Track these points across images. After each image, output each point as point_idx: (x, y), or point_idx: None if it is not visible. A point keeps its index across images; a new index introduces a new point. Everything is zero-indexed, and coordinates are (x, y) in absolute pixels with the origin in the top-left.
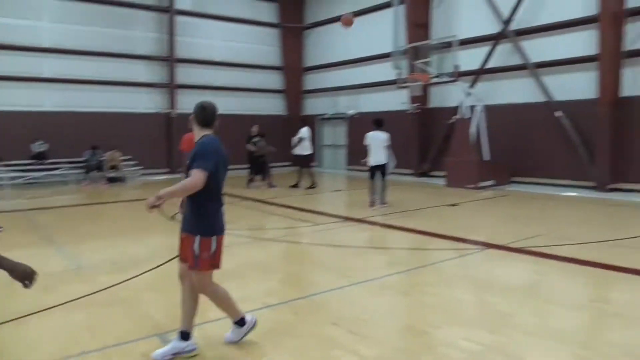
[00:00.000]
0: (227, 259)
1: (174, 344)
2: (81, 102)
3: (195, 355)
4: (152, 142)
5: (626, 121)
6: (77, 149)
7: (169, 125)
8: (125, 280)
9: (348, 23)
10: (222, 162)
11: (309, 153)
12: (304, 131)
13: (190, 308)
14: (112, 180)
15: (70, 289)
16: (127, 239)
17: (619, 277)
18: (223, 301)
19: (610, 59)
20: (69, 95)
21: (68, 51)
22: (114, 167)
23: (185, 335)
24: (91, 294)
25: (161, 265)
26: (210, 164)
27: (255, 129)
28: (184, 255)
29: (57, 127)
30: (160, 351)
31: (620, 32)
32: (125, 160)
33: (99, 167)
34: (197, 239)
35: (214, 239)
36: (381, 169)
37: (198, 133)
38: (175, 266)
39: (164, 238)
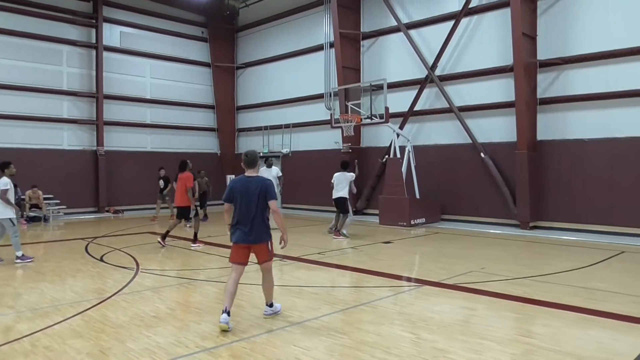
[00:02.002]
0: (160, 302)
1: (269, 311)
2: (1, 137)
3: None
4: (77, 180)
5: (543, 163)
6: None
7: (95, 163)
8: (48, 327)
9: None
10: (241, 192)
11: None
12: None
13: (271, 286)
14: (32, 219)
15: None
16: (49, 282)
17: (542, 311)
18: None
19: (525, 106)
20: None
21: None
22: (35, 206)
23: (271, 304)
24: (8, 342)
25: (88, 309)
26: (224, 196)
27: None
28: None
29: None
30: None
31: (533, 81)
32: (47, 198)
33: (18, 206)
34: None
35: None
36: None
37: (246, 172)
38: (103, 310)
39: (89, 281)
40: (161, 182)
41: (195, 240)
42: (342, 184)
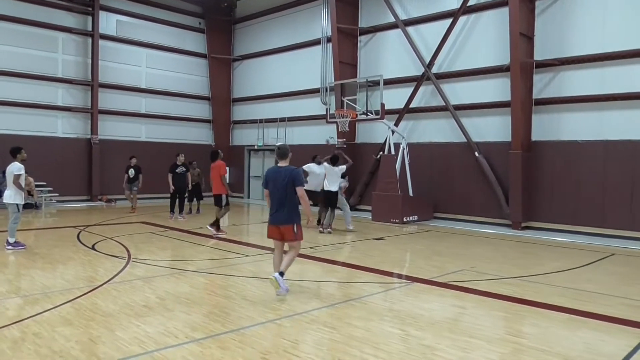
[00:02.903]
0: (150, 292)
1: (279, 277)
2: None
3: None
4: (71, 168)
5: (536, 164)
6: None
7: (90, 151)
8: (37, 314)
9: None
10: (273, 181)
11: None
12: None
13: (289, 260)
14: (24, 206)
15: None
16: (39, 269)
17: (532, 311)
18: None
19: (521, 106)
20: None
21: None
22: (28, 193)
23: (282, 274)
24: None
25: (78, 297)
26: (263, 182)
27: (182, 158)
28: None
29: None
30: (282, 287)
31: (530, 81)
32: (40, 186)
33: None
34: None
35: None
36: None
37: (278, 163)
38: (93, 299)
39: (79, 269)
40: (131, 172)
41: (217, 227)
42: (332, 177)
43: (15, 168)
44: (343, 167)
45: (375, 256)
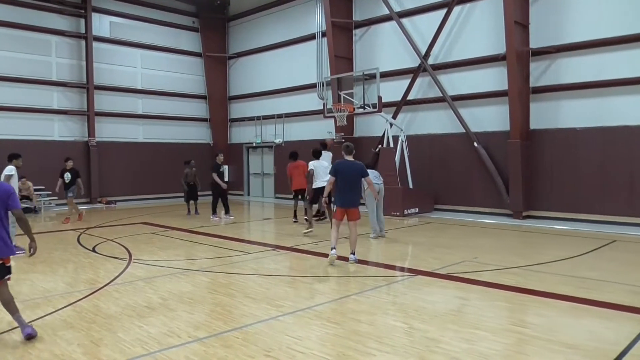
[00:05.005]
0: (152, 293)
1: (353, 257)
2: None
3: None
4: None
5: (536, 152)
6: None
7: (87, 154)
8: (39, 318)
9: None
10: (344, 171)
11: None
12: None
13: (355, 238)
14: (24, 211)
15: None
16: (40, 273)
17: (535, 300)
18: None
19: (518, 95)
20: None
21: None
22: (26, 197)
23: (354, 253)
24: None
25: (79, 300)
26: (331, 172)
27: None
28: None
29: None
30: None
31: (526, 70)
32: (38, 190)
33: None
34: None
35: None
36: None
37: (344, 157)
38: (95, 301)
39: (80, 272)
40: (67, 176)
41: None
42: (324, 171)
43: (7, 169)
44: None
45: (377, 250)
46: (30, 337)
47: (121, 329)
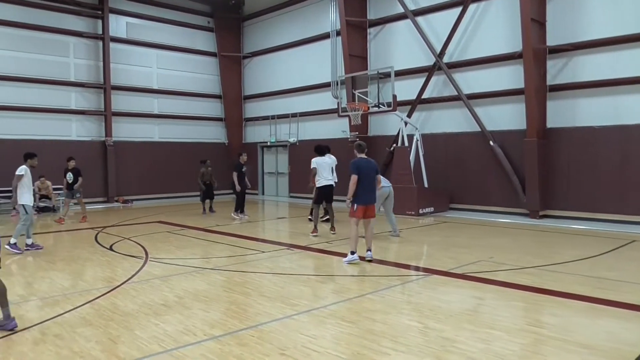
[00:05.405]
0: (168, 291)
1: (370, 254)
2: (10, 128)
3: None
4: (87, 170)
5: (552, 151)
6: (6, 179)
7: (104, 153)
8: (57, 315)
9: None
10: (365, 169)
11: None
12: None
13: (371, 236)
14: (43, 210)
15: None
16: (59, 271)
17: (551, 300)
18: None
19: (535, 93)
20: None
21: None
22: (45, 197)
23: (353, 252)
24: (18, 331)
25: (97, 298)
26: (354, 171)
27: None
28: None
29: None
30: (345, 260)
31: (543, 68)
32: (57, 189)
33: None
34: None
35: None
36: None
37: (356, 155)
38: (112, 299)
39: (98, 270)
40: (69, 176)
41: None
42: (327, 170)
43: (18, 169)
44: (335, 160)
45: (392, 249)
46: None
47: (138, 327)
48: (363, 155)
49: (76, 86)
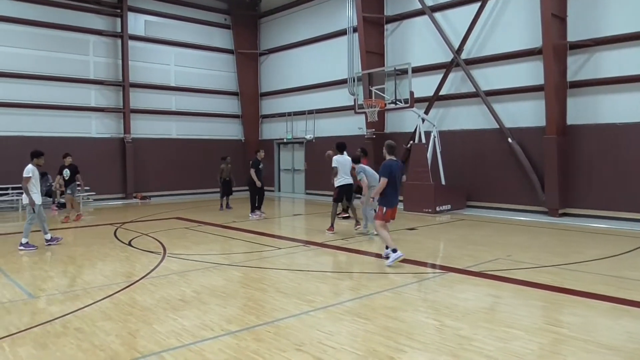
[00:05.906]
0: (186, 286)
1: (394, 255)
2: (30, 126)
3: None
4: (105, 167)
5: (573, 148)
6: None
7: (123, 150)
8: (78, 309)
9: None
10: (395, 171)
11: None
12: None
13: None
14: (63, 206)
15: (18, 320)
16: (79, 266)
17: (571, 299)
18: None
19: (555, 89)
20: (17, 120)
21: (17, 75)
22: (64, 193)
23: (395, 250)
24: (41, 324)
25: (116, 292)
26: (386, 174)
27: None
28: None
29: (4, 151)
30: (389, 262)
31: (563, 64)
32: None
33: (48, 193)
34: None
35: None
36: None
37: (386, 157)
38: (131, 293)
39: (117, 265)
40: (66, 172)
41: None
42: (345, 168)
43: (25, 171)
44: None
45: (409, 246)
46: None
47: (156, 321)
48: (392, 157)
49: (95, 84)
